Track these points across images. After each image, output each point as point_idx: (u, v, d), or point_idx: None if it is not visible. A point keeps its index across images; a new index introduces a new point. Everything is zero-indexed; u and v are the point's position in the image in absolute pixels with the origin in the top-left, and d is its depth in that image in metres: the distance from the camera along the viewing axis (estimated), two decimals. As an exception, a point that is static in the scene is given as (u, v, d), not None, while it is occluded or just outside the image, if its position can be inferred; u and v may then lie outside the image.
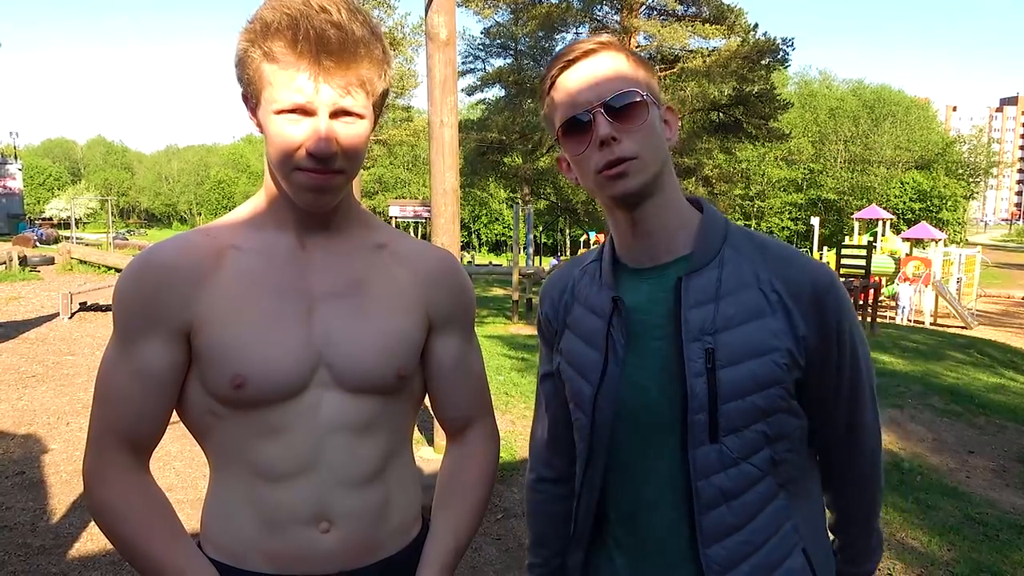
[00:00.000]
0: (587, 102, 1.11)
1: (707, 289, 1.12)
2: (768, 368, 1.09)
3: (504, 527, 4.11)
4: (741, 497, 1.12)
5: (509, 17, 28.16)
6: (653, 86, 1.15)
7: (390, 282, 1.20)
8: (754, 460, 1.12)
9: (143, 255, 1.13)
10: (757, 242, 1.17)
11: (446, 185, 4.69)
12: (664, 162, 1.14)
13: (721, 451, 1.10)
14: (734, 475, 1.11)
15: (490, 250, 65.77)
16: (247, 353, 1.08)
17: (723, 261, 1.14)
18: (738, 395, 1.09)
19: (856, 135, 56.74)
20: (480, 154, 30.79)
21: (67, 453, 5.15)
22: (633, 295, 1.19)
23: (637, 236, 1.19)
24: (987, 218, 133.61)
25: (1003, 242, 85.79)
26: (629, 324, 1.17)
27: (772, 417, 1.11)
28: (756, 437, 1.11)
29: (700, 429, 1.10)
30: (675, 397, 1.12)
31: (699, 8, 25.08)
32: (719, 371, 1.09)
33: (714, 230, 1.17)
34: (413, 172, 58.80)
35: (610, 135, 1.10)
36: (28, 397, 6.64)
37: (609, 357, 1.18)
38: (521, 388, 7.42)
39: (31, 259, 16.65)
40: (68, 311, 10.82)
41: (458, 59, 5.85)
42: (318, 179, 1.06)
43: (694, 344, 1.10)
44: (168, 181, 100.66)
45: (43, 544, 3.76)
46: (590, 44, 1.14)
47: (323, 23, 0.99)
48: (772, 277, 1.12)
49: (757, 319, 1.10)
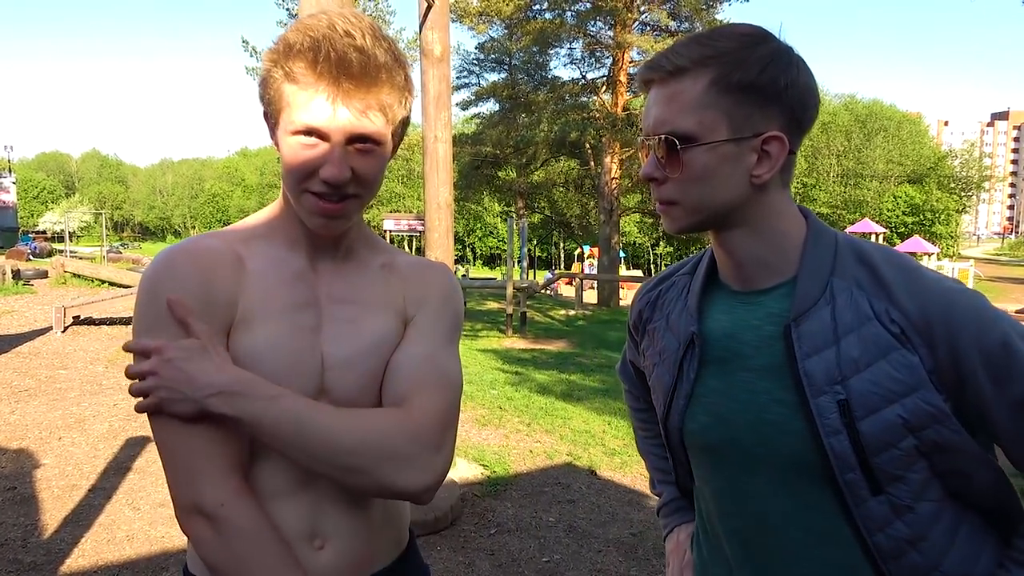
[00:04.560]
0: (645, 131, 1.07)
1: (822, 332, 1.01)
2: (916, 407, 0.97)
3: (497, 542, 4.10)
4: (930, 538, 1.03)
5: (503, 32, 28.32)
6: (733, 119, 1.01)
7: (385, 296, 1.19)
8: (930, 496, 1.02)
9: (171, 253, 1.07)
10: (869, 265, 1.04)
11: (440, 200, 4.71)
12: (729, 203, 1.05)
13: (890, 502, 1.01)
14: (913, 520, 1.02)
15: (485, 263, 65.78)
16: (270, 366, 1.06)
17: (833, 294, 1.03)
18: (889, 444, 0.98)
19: (848, 149, 56.98)
20: (475, 168, 30.86)
21: (59, 468, 5.12)
22: (724, 318, 1.14)
23: (726, 260, 1.14)
24: (980, 232, 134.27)
25: (996, 256, 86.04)
26: (714, 350, 1.13)
27: (938, 455, 1.00)
28: (923, 476, 1.01)
29: (858, 487, 1.00)
30: (765, 436, 1.07)
31: (692, 24, 25.26)
32: (859, 424, 0.98)
33: (820, 257, 1.06)
34: (407, 186, 58.91)
35: (651, 175, 1.07)
36: (20, 411, 6.60)
37: (678, 387, 1.17)
38: (515, 402, 7.42)
39: (24, 272, 16.58)
40: (61, 325, 10.78)
41: (453, 74, 5.89)
42: (329, 208, 1.05)
43: (822, 398, 1.00)
44: (162, 194, 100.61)
45: (34, 560, 3.73)
46: (682, 61, 1.02)
47: (346, 46, 0.99)
48: (888, 306, 1.00)
49: (885, 356, 0.98)
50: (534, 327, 15.87)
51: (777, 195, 1.07)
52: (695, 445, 1.18)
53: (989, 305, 1.02)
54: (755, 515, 1.11)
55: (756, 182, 1.03)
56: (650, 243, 57.89)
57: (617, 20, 25.23)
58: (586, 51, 27.64)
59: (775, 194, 1.06)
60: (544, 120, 28.15)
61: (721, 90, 1.00)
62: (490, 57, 30.37)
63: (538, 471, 5.29)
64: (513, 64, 29.64)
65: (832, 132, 57.26)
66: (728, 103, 1.00)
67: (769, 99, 1.00)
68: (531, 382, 9.15)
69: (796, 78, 1.02)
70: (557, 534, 4.22)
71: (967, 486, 1.03)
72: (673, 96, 1.02)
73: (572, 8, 26.18)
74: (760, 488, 1.09)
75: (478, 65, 31.03)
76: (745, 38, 1.02)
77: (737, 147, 1.02)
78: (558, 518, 4.41)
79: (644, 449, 1.53)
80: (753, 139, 1.01)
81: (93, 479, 4.92)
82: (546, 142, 29.24)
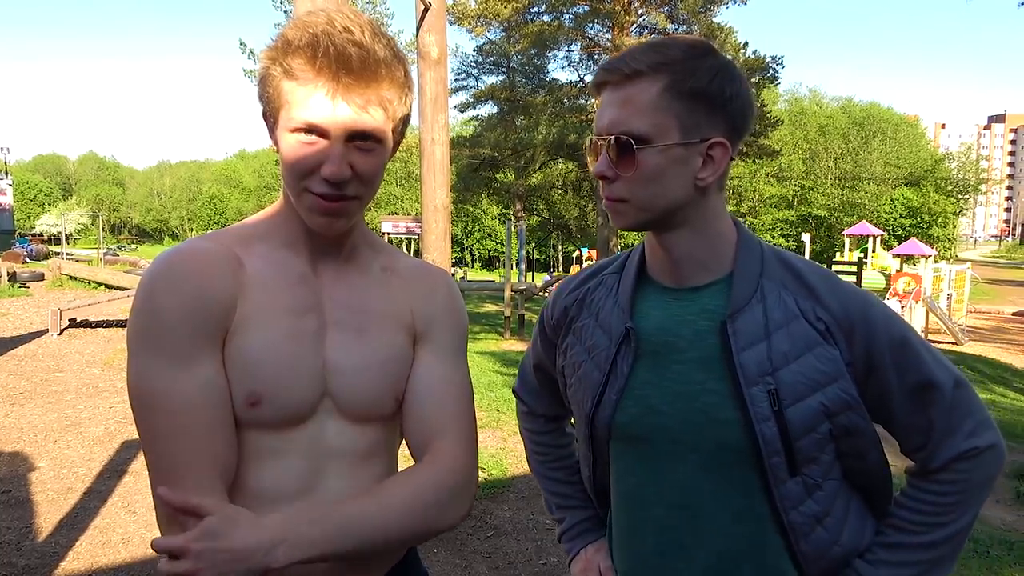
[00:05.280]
0: (597, 131, 1.12)
1: (755, 328, 1.11)
2: (835, 395, 1.09)
3: (494, 544, 4.09)
4: (833, 513, 1.15)
5: (501, 35, 28.37)
6: (684, 124, 1.07)
7: (389, 303, 1.18)
8: (833, 475, 1.15)
9: (168, 258, 1.05)
10: (793, 270, 1.15)
11: (437, 202, 4.71)
12: (674, 202, 1.11)
13: (804, 482, 1.12)
14: (821, 498, 1.14)
15: (483, 266, 65.76)
16: (267, 371, 1.04)
17: (764, 294, 1.13)
18: (810, 429, 1.09)
19: (846, 152, 57.07)
20: (473, 170, 30.91)
21: (54, 471, 5.10)
22: (657, 313, 1.19)
23: (663, 258, 1.19)
24: (977, 234, 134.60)
25: (993, 258, 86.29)
26: (647, 344, 1.18)
27: (845, 438, 1.13)
28: (830, 458, 1.14)
29: (779, 468, 1.10)
30: (696, 424, 1.13)
31: (689, 27, 25.32)
32: (786, 411, 1.08)
33: (750, 260, 1.15)
34: (406, 188, 58.91)
35: (603, 173, 1.11)
36: (16, 414, 6.59)
37: (609, 382, 1.20)
38: (512, 405, 7.34)
39: (20, 275, 16.56)
40: (57, 327, 10.77)
41: (451, 76, 5.90)
42: (330, 206, 1.04)
43: (755, 388, 1.09)
44: (160, 197, 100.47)
45: (28, 563, 3.71)
46: (639, 65, 1.08)
47: (344, 41, 0.99)
48: (814, 306, 1.11)
49: (811, 350, 1.10)
50: (532, 329, 15.86)
51: (716, 198, 1.15)
52: (623, 437, 1.21)
53: (889, 307, 1.18)
54: (678, 501, 1.17)
55: (700, 184, 1.11)
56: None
57: (615, 23, 25.29)
58: (584, 54, 27.71)
59: (714, 197, 1.14)
60: (542, 122, 28.22)
61: (674, 95, 1.07)
62: (488, 60, 30.46)
63: (535, 474, 5.27)
64: (511, 66, 29.72)
65: (830, 135, 57.39)
66: (680, 108, 1.07)
67: (716, 107, 1.08)
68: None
69: (739, 89, 1.10)
70: (554, 536, 4.19)
71: (862, 465, 1.17)
72: (628, 99, 1.08)
73: (570, 11, 26.24)
74: (686, 474, 1.16)
75: (476, 67, 31.13)
76: (694, 49, 1.10)
77: (686, 151, 1.08)
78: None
79: (541, 473, 1.54)
80: (700, 144, 1.09)
81: (88, 482, 4.90)
82: (544, 144, 29.31)
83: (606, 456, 1.26)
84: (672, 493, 1.17)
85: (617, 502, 1.28)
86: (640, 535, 1.23)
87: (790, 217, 55.76)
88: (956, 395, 1.14)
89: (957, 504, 1.13)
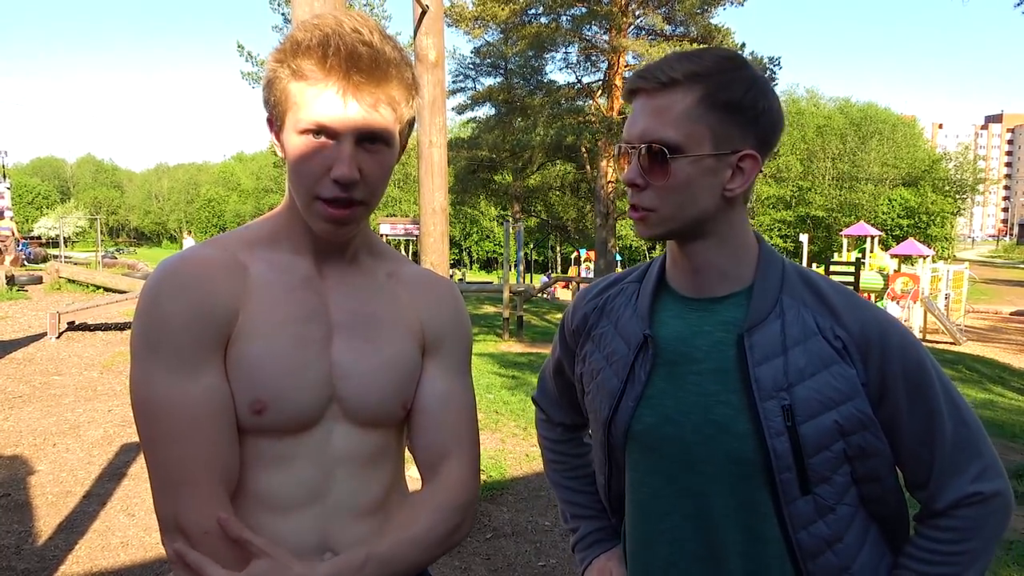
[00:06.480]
0: (628, 139, 1.12)
1: (772, 342, 1.10)
2: (850, 414, 1.08)
3: (493, 546, 4.09)
4: (844, 539, 1.13)
5: (499, 37, 28.32)
6: (716, 135, 1.08)
7: (396, 311, 1.18)
8: (848, 500, 1.13)
9: (172, 265, 1.05)
10: (813, 287, 1.15)
11: (435, 204, 4.72)
12: (702, 213, 1.11)
13: (816, 502, 1.11)
14: (832, 521, 1.12)
15: (481, 267, 65.82)
16: (272, 378, 1.04)
17: (783, 309, 1.12)
18: (823, 447, 1.08)
19: (844, 152, 57.12)
20: (470, 172, 30.86)
21: (53, 475, 5.10)
22: (676, 323, 1.19)
23: (685, 268, 1.19)
24: (974, 234, 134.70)
25: (991, 258, 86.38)
26: (664, 353, 1.18)
27: (860, 460, 1.11)
28: (845, 480, 1.12)
29: (791, 485, 1.09)
30: (709, 435, 1.13)
31: (687, 28, 25.32)
32: (800, 427, 1.08)
33: (772, 275, 1.15)
34: (404, 190, 58.90)
35: (633, 181, 1.11)
36: (14, 418, 6.58)
37: (627, 389, 1.20)
38: (511, 406, 7.41)
39: (18, 278, 16.51)
40: (56, 331, 10.74)
41: (448, 78, 5.89)
42: (339, 213, 1.04)
43: (769, 402, 1.08)
44: (158, 199, 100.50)
45: (28, 567, 3.71)
46: (675, 74, 1.08)
47: (355, 41, 0.99)
48: (833, 324, 1.11)
49: (828, 367, 1.09)
50: (531, 331, 15.85)
51: (741, 210, 1.16)
52: (639, 445, 1.21)
53: (910, 332, 1.16)
54: (692, 512, 1.17)
55: (728, 195, 1.11)
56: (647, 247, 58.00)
57: (612, 24, 25.26)
58: (582, 55, 27.67)
59: (739, 209, 1.15)
60: (540, 124, 28.14)
61: (709, 107, 1.07)
62: (486, 61, 30.41)
63: (534, 475, 5.28)
64: (509, 68, 29.65)
65: (827, 135, 57.45)
66: (714, 119, 1.07)
67: (749, 120, 1.09)
68: (527, 386, 9.14)
69: (771, 104, 1.11)
70: (553, 538, 4.21)
71: (878, 490, 1.15)
72: (663, 108, 1.08)
73: (567, 12, 26.20)
74: (699, 485, 1.15)
75: (474, 69, 31.07)
76: (730, 61, 1.10)
77: (717, 162, 1.09)
78: (554, 522, 4.40)
79: (557, 482, 1.55)
80: (732, 155, 1.09)
81: (88, 485, 4.90)
82: (542, 146, 29.25)
83: (622, 464, 1.26)
84: (685, 504, 1.17)
85: (631, 511, 1.27)
86: (654, 546, 1.22)
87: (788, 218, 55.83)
88: (963, 434, 1.11)
89: (964, 554, 1.11)
